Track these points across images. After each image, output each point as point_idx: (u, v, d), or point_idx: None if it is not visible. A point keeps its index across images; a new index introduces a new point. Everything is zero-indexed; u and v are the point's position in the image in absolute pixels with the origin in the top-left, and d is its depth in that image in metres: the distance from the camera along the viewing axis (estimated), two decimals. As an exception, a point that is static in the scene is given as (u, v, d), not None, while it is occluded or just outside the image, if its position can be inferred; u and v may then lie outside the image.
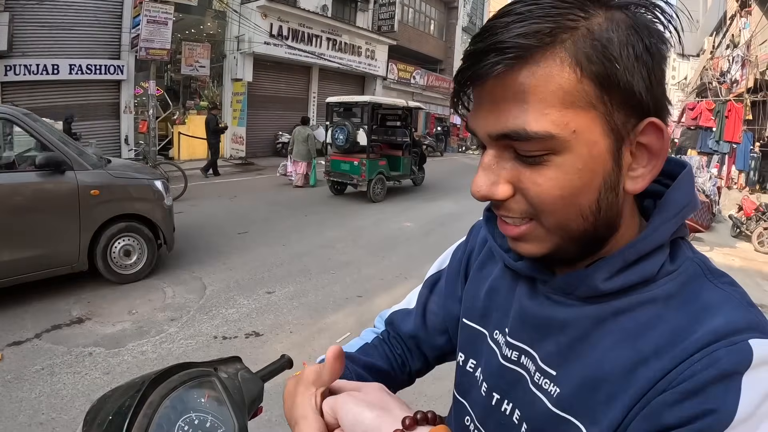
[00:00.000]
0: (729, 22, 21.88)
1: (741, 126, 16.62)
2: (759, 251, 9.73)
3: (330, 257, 6.36)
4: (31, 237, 4.47)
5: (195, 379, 0.73)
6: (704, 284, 0.58)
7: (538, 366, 0.64)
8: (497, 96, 0.51)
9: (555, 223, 0.55)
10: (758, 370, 0.48)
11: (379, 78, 22.02)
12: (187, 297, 4.70)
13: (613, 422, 0.54)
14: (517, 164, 0.54)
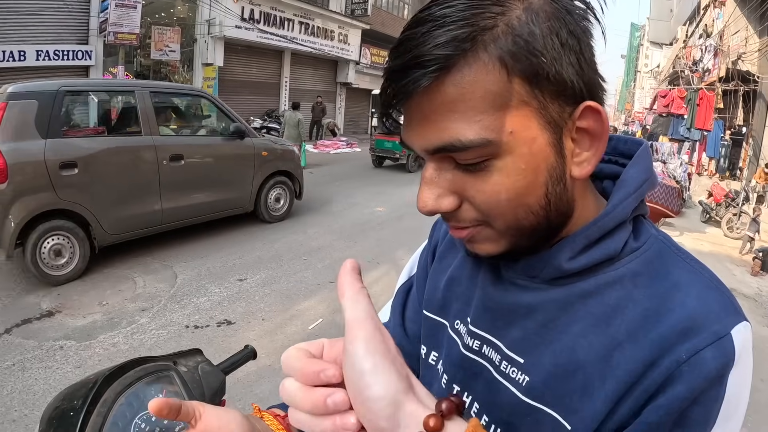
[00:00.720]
0: (702, 12, 21.97)
1: (712, 114, 16.87)
2: (728, 236, 10.11)
3: (301, 243, 6.45)
4: (223, 185, 6.52)
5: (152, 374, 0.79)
6: (673, 260, 0.59)
7: (504, 354, 0.63)
8: (426, 110, 0.50)
9: (505, 225, 0.55)
10: (740, 363, 0.51)
11: (352, 63, 21.89)
12: (158, 286, 4.76)
13: (597, 414, 0.54)
14: (459, 173, 0.53)
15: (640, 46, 54.40)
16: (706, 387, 0.50)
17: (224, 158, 6.55)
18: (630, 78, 58.70)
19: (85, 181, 4.97)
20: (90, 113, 6.07)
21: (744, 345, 0.52)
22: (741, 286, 7.11)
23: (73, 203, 4.89)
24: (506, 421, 0.62)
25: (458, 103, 0.49)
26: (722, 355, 0.50)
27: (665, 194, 6.81)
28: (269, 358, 3.68)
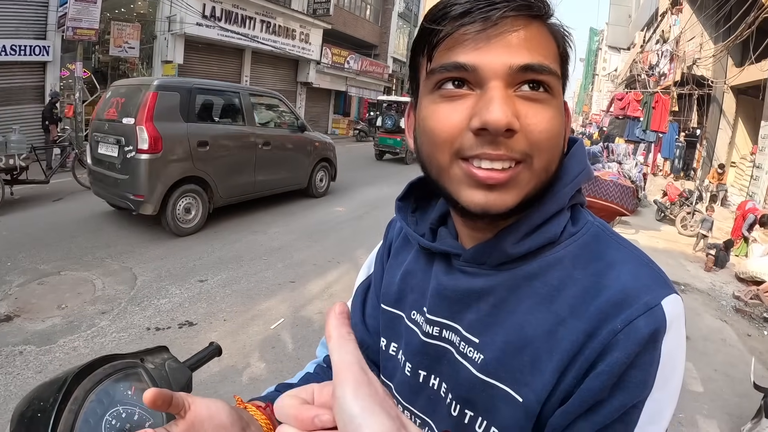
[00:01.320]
0: (660, 19, 22.66)
1: (667, 116, 17.40)
2: (682, 234, 10.48)
3: (262, 243, 6.43)
4: (292, 166, 8.69)
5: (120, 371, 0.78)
6: (607, 243, 0.65)
7: (463, 336, 0.68)
8: (519, 36, 0.57)
9: (544, 164, 0.60)
10: (672, 329, 0.57)
11: (312, 62, 21.74)
12: (118, 288, 4.67)
13: (545, 386, 0.60)
14: (522, 102, 0.58)
15: (599, 50, 55.72)
16: (640, 351, 0.56)
17: (293, 146, 8.74)
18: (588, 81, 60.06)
19: (212, 156, 6.82)
20: (212, 106, 7.32)
21: (674, 314, 0.58)
22: (695, 281, 7.36)
23: (203, 172, 6.69)
24: (465, 398, 0.67)
25: (546, 42, 0.60)
26: (654, 323, 0.56)
27: (620, 193, 6.99)
28: (232, 358, 3.67)
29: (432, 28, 0.59)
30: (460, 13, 0.57)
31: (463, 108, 0.59)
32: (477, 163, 0.58)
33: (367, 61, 26.72)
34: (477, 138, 0.57)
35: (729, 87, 15.62)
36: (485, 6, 0.56)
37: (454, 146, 0.59)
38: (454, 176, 0.61)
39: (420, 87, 0.65)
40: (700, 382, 4.29)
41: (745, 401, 3.87)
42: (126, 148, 6.09)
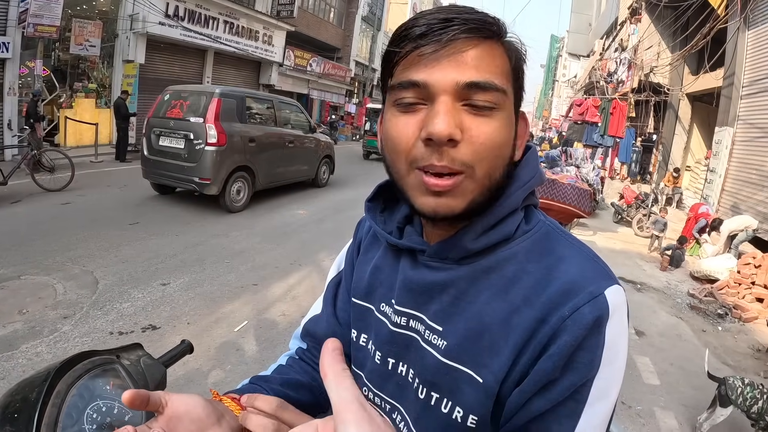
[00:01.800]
0: (619, 28, 23.20)
1: (624, 122, 17.80)
2: (638, 235, 10.81)
3: (224, 246, 6.37)
4: (305, 161, 10.59)
5: (98, 367, 0.81)
6: (557, 240, 0.73)
7: (428, 325, 0.75)
8: (468, 56, 0.64)
9: (486, 172, 0.66)
10: (614, 317, 0.64)
11: (275, 64, 21.59)
12: (80, 293, 4.57)
13: (502, 368, 0.66)
14: (467, 115, 0.64)
15: (559, 56, 56.62)
16: (586, 335, 0.63)
17: (307, 144, 10.60)
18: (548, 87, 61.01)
19: (257, 150, 8.69)
20: (254, 111, 9.12)
21: (616, 303, 0.65)
22: (651, 280, 7.60)
23: (251, 162, 8.55)
24: (431, 382, 0.73)
25: (496, 60, 0.66)
26: (598, 310, 0.63)
27: (578, 196, 7.17)
28: (197, 361, 3.64)
29: (393, 49, 0.67)
30: (418, 35, 0.64)
31: (415, 120, 0.66)
32: (427, 171, 0.65)
33: (330, 64, 26.68)
34: (427, 148, 0.64)
35: (684, 94, 16.14)
36: (440, 29, 0.63)
37: (409, 156, 0.67)
38: (411, 183, 0.68)
39: (386, 99, 0.72)
40: (656, 375, 4.43)
41: (700, 393, 4.03)
42: (195, 141, 7.70)
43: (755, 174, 10.65)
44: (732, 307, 6.59)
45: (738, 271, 7.59)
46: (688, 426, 3.72)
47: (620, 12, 22.50)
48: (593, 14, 40.37)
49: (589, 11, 42.66)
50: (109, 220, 6.82)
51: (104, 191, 8.78)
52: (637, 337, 5.30)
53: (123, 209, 7.59)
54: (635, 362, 4.64)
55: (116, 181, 9.67)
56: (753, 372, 4.92)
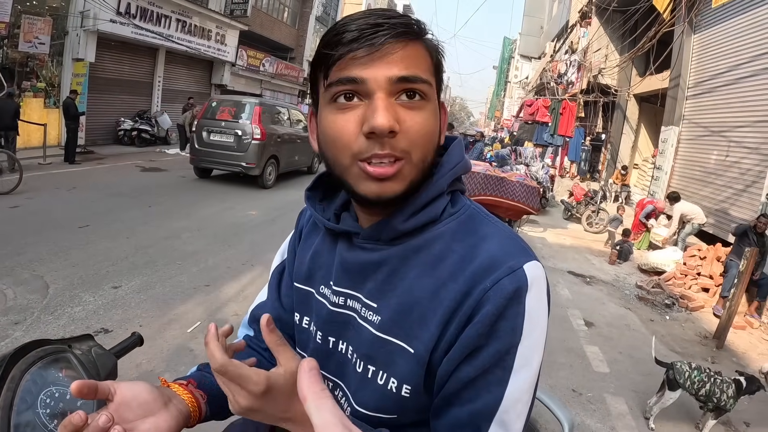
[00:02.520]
0: (570, 31, 23.66)
1: (574, 122, 18.24)
2: (588, 231, 11.18)
3: (176, 248, 6.28)
4: (305, 153, 13.76)
5: (51, 355, 0.83)
6: (480, 221, 0.80)
7: (364, 303, 0.81)
8: (397, 56, 0.70)
9: (421, 156, 0.73)
10: (533, 289, 0.71)
11: (228, 64, 21.35)
12: (30, 297, 4.42)
13: (431, 338, 0.73)
14: (401, 108, 0.70)
15: (512, 58, 57.44)
16: (507, 305, 0.69)
17: (305, 141, 12.58)
18: (501, 88, 61.76)
19: (281, 144, 11.82)
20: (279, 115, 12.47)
21: (535, 276, 0.72)
22: (600, 274, 7.85)
23: (278, 153, 11.67)
24: (367, 355, 0.79)
25: (420, 57, 0.73)
26: (517, 282, 0.70)
27: (526, 193, 7.36)
28: (150, 363, 3.59)
29: (328, 53, 0.71)
30: (351, 39, 0.69)
31: (355, 117, 0.71)
32: (370, 162, 0.71)
33: (283, 64, 26.50)
34: (368, 141, 0.69)
35: (632, 95, 16.63)
36: (370, 33, 0.68)
37: (352, 150, 0.71)
38: (354, 174, 0.73)
39: (319, 99, 0.77)
40: (606, 364, 4.59)
41: (649, 379, 4.19)
42: (243, 137, 10.65)
43: (699, 171, 11.09)
44: (679, 297, 6.87)
45: (684, 263, 7.90)
46: (639, 410, 3.87)
47: (571, 15, 23.02)
48: (545, 17, 41.09)
49: (541, 14, 43.42)
50: (58, 224, 6.64)
51: (53, 194, 8.51)
52: (586, 327, 5.47)
53: (73, 212, 7.37)
54: (585, 351, 4.79)
55: (65, 184, 9.38)
56: (700, 358, 5.15)
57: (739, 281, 5.58)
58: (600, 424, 3.61)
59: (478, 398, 0.69)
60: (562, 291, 6.67)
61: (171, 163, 13.68)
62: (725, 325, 5.57)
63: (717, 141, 10.48)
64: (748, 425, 3.96)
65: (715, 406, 3.54)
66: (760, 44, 9.21)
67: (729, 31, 10.51)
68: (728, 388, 3.51)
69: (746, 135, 9.36)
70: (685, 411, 3.86)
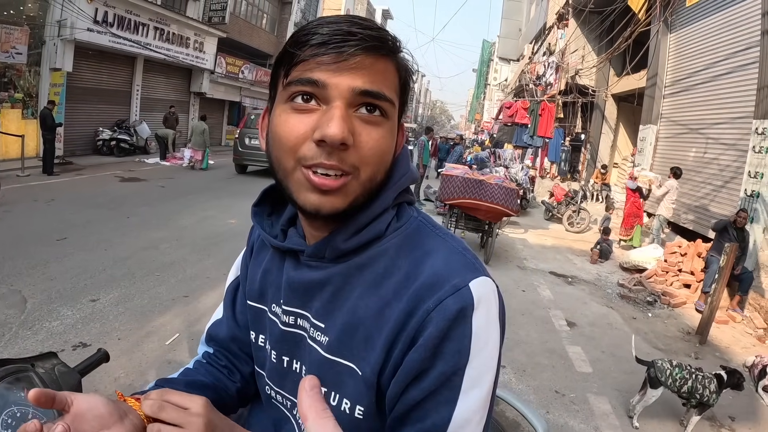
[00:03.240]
0: (547, 32, 23.85)
1: (553, 123, 18.32)
2: (569, 231, 11.27)
3: (154, 259, 6.22)
4: None
5: (12, 374, 0.82)
6: (426, 234, 0.78)
7: (312, 322, 0.79)
8: (370, 67, 0.68)
9: (369, 175, 0.71)
10: (480, 308, 0.68)
11: (206, 71, 21.24)
12: (8, 312, 4.35)
13: (378, 360, 0.71)
14: (358, 122, 0.68)
15: (491, 61, 57.80)
16: (451, 326, 0.67)
17: None
18: (480, 90, 62.10)
19: None
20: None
21: (482, 293, 0.70)
22: (582, 273, 7.92)
23: None
24: (317, 375, 0.71)
25: (388, 74, 0.71)
26: (461, 301, 0.68)
27: (505, 196, 7.40)
28: (129, 377, 3.55)
29: (293, 52, 0.69)
30: (318, 43, 0.67)
31: (309, 120, 0.68)
32: (314, 171, 0.68)
33: (262, 71, 26.37)
34: (317, 148, 0.67)
35: (610, 95, 16.80)
36: (341, 40, 0.66)
37: (297, 154, 0.69)
38: (296, 180, 0.70)
39: (276, 97, 0.74)
40: (589, 363, 4.61)
41: (632, 377, 4.21)
42: None
43: (678, 168, 11.20)
44: (660, 294, 6.94)
45: (665, 260, 7.98)
46: (622, 409, 3.90)
47: (548, 17, 23.22)
48: (523, 20, 41.47)
49: (519, 17, 43.81)
50: (36, 237, 6.56)
51: (31, 206, 8.41)
52: (568, 327, 5.50)
53: (51, 224, 7.29)
54: (567, 352, 4.81)
55: (43, 196, 9.28)
56: (683, 353, 5.20)
57: (720, 276, 5.63)
58: (583, 424, 3.62)
59: (427, 418, 0.68)
60: (543, 292, 6.70)
61: (150, 172, 13.59)
62: (708, 321, 5.62)
63: (695, 138, 10.61)
64: (734, 419, 4.00)
65: (698, 402, 3.56)
66: (734, 42, 9.33)
67: (704, 29, 10.66)
68: (710, 384, 3.54)
69: (723, 132, 9.48)
70: (669, 408, 3.89)
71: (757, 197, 7.53)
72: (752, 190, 7.67)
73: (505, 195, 7.39)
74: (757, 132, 7.78)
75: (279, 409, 0.89)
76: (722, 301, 6.17)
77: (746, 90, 8.67)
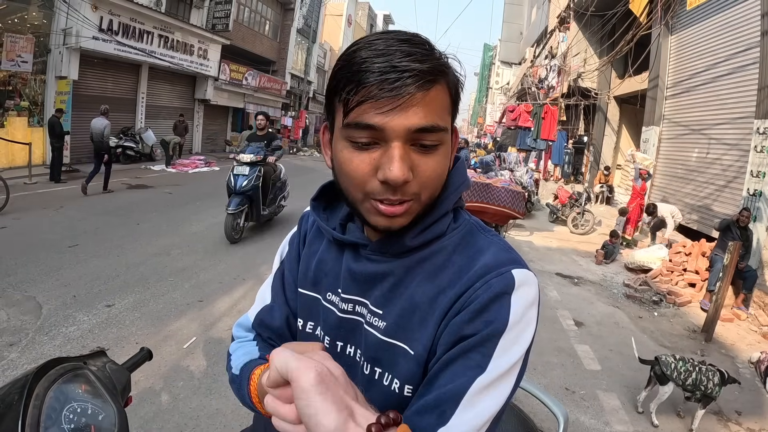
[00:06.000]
0: (549, 36, 23.80)
1: (556, 126, 18.29)
2: (574, 233, 11.21)
3: (166, 264, 6.27)
4: None
5: (69, 372, 0.88)
6: (478, 236, 0.85)
7: (370, 309, 0.85)
8: (417, 105, 0.71)
9: (429, 196, 0.78)
10: (520, 290, 0.75)
11: (210, 78, 21.30)
12: (23, 319, 4.40)
13: (429, 338, 0.78)
14: (416, 155, 0.73)
15: (492, 65, 57.63)
16: (493, 299, 0.74)
17: None
18: (482, 94, 61.97)
19: None
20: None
21: (522, 279, 0.77)
22: (587, 274, 7.94)
23: None
24: (374, 358, 0.85)
25: (440, 101, 0.75)
26: (503, 282, 0.75)
27: (511, 198, 7.46)
28: (148, 380, 3.58)
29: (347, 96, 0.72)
30: (372, 83, 0.70)
31: (370, 159, 0.74)
32: (382, 202, 0.75)
33: (265, 78, 26.42)
34: (382, 186, 0.73)
35: (612, 97, 16.83)
36: (394, 80, 0.69)
37: (365, 189, 0.76)
38: (366, 208, 0.78)
39: (335, 126, 0.80)
40: (597, 361, 4.67)
41: (639, 374, 4.25)
42: None
43: (681, 168, 11.24)
44: (666, 294, 6.97)
45: (670, 260, 8.02)
46: (631, 405, 3.96)
47: (550, 21, 23.23)
48: (524, 23, 41.43)
49: (520, 21, 43.79)
50: (47, 244, 6.61)
51: (41, 214, 8.45)
52: (576, 327, 5.56)
53: (61, 231, 7.34)
54: (576, 350, 4.87)
55: (52, 203, 9.33)
56: (690, 351, 5.24)
57: (724, 275, 5.68)
58: (594, 420, 3.68)
59: (452, 382, 0.72)
60: (550, 293, 6.74)
61: (157, 179, 13.62)
62: (713, 319, 5.67)
63: (697, 139, 10.66)
64: (740, 414, 4.05)
65: (702, 394, 3.62)
66: (735, 43, 9.40)
67: (705, 31, 10.72)
68: (714, 376, 3.61)
69: (726, 132, 9.53)
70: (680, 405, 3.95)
71: (759, 196, 7.58)
72: (755, 189, 7.73)
73: (511, 198, 7.44)
74: (759, 132, 7.84)
75: None
76: (727, 299, 6.22)
77: (747, 90, 8.74)
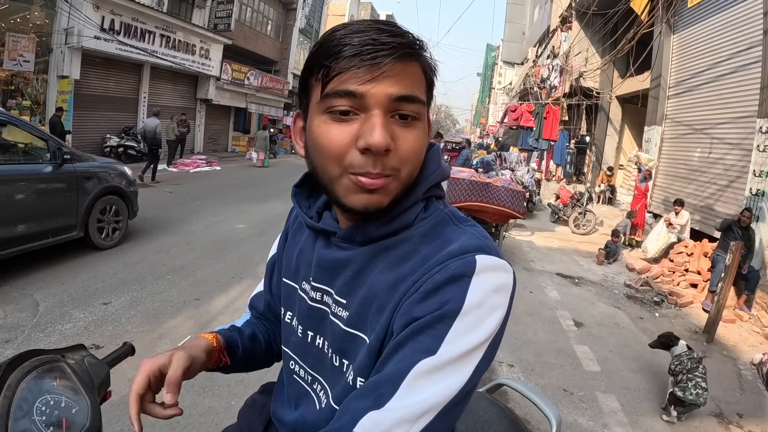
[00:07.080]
0: (551, 35, 23.83)
1: (558, 126, 18.33)
2: (575, 233, 11.24)
3: (164, 263, 6.26)
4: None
5: (45, 364, 0.85)
6: (449, 226, 0.83)
7: (335, 299, 0.86)
8: (401, 72, 0.73)
9: (408, 174, 0.78)
10: (481, 275, 0.72)
11: (212, 78, 21.31)
12: (20, 316, 4.40)
13: (383, 326, 0.76)
14: (396, 126, 0.74)
15: (495, 65, 57.70)
16: (449, 279, 0.71)
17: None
18: (485, 94, 62.00)
19: None
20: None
21: (486, 265, 0.73)
22: (588, 275, 7.92)
23: None
24: (340, 349, 0.84)
25: (417, 77, 0.77)
26: (463, 266, 0.72)
27: (511, 198, 7.43)
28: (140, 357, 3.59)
29: (328, 65, 0.73)
30: (351, 54, 0.71)
31: (350, 129, 0.74)
32: (362, 176, 0.74)
33: (268, 77, 26.41)
34: (363, 156, 0.73)
35: (614, 96, 16.79)
36: (372, 51, 0.71)
37: (344, 162, 0.75)
38: (344, 185, 0.76)
39: (311, 106, 0.79)
40: (597, 362, 4.63)
41: (639, 376, 4.25)
42: None
43: (683, 168, 11.20)
44: (667, 294, 6.95)
45: (672, 260, 7.99)
46: (630, 407, 3.91)
47: (552, 20, 23.23)
48: (526, 23, 41.35)
49: (523, 20, 43.71)
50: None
51: (39, 212, 8.42)
52: (575, 327, 5.52)
53: (60, 229, 7.31)
54: (575, 351, 4.83)
55: (52, 202, 9.30)
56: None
57: (726, 275, 5.64)
58: (592, 422, 3.65)
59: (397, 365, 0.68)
60: (550, 293, 6.72)
61: (158, 178, 13.61)
62: (714, 319, 5.64)
63: (700, 138, 10.60)
64: (741, 416, 4.01)
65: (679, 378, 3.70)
66: (737, 42, 9.35)
67: (706, 30, 10.67)
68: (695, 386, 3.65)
69: (728, 131, 9.48)
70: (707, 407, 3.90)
71: (762, 196, 7.54)
72: (757, 188, 7.68)
73: (511, 197, 7.42)
74: (761, 131, 7.80)
75: (300, 384, 0.95)
76: (729, 300, 6.18)
77: (749, 89, 8.69)
